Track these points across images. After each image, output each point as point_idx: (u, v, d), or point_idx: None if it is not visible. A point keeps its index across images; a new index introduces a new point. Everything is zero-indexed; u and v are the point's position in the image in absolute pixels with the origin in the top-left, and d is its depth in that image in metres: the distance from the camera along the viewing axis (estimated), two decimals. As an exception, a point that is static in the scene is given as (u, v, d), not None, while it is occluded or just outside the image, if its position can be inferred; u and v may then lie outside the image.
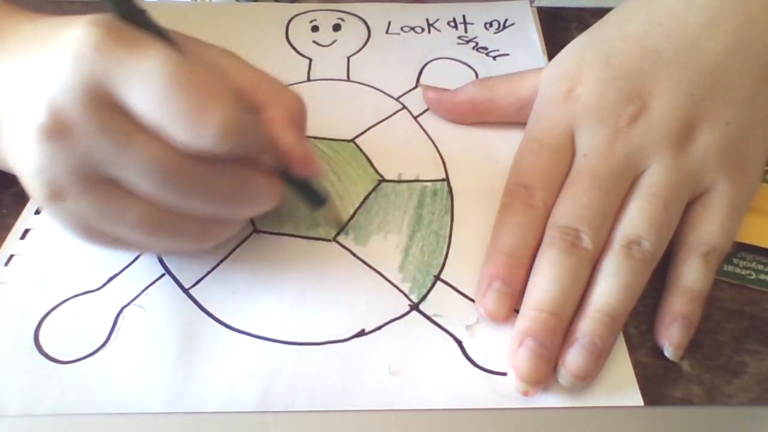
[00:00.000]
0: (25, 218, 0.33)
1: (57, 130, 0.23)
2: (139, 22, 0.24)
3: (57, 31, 0.24)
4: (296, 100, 0.28)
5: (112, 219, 0.25)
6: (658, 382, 0.28)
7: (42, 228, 0.32)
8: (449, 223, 0.33)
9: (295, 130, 0.27)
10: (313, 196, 0.30)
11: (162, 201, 0.25)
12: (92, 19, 0.23)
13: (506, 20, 0.45)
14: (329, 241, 0.32)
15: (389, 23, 0.44)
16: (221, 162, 0.25)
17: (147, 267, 0.31)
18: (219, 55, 0.27)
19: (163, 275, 0.30)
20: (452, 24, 0.44)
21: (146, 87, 0.23)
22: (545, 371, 0.27)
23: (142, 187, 0.24)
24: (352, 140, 0.37)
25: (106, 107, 0.23)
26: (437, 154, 0.36)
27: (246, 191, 0.26)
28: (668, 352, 0.28)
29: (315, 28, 0.44)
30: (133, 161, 0.23)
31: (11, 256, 0.31)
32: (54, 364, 0.27)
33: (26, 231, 0.32)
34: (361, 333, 0.29)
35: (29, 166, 0.24)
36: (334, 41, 0.43)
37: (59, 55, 0.23)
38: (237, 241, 0.31)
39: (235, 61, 0.28)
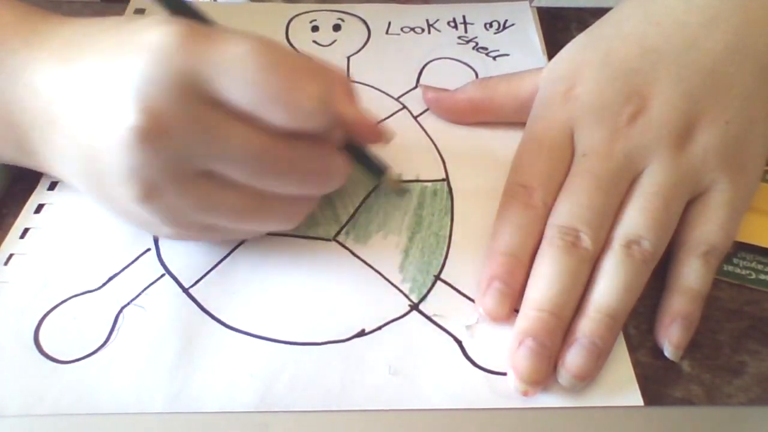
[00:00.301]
0: (25, 217, 0.33)
1: (154, 130, 0.23)
2: (195, 18, 0.25)
3: (124, 34, 0.25)
4: (344, 76, 0.28)
5: (206, 209, 0.26)
6: (658, 382, 0.28)
7: (42, 227, 0.32)
8: (449, 223, 0.33)
9: (355, 103, 0.28)
10: (374, 165, 0.32)
11: (256, 186, 0.26)
12: (164, 20, 0.24)
13: (506, 20, 0.45)
14: (329, 240, 0.32)
15: (389, 24, 0.44)
16: (308, 141, 0.26)
17: (147, 267, 0.31)
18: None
19: (163, 275, 0.30)
20: (452, 24, 0.44)
21: (240, 75, 0.23)
22: (545, 371, 0.27)
23: (237, 176, 0.25)
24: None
25: (199, 102, 0.23)
26: (437, 154, 0.36)
27: (328, 167, 0.28)
28: (668, 352, 0.28)
29: (315, 28, 0.44)
30: (229, 152, 0.24)
31: (11, 256, 0.31)
32: (54, 364, 0.27)
33: (26, 230, 0.32)
34: (361, 333, 0.29)
35: (120, 169, 0.24)
36: (334, 41, 0.43)
37: (144, 57, 0.23)
38: (237, 241, 0.31)
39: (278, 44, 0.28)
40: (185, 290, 0.30)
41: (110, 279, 0.30)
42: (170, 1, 0.25)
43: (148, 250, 0.31)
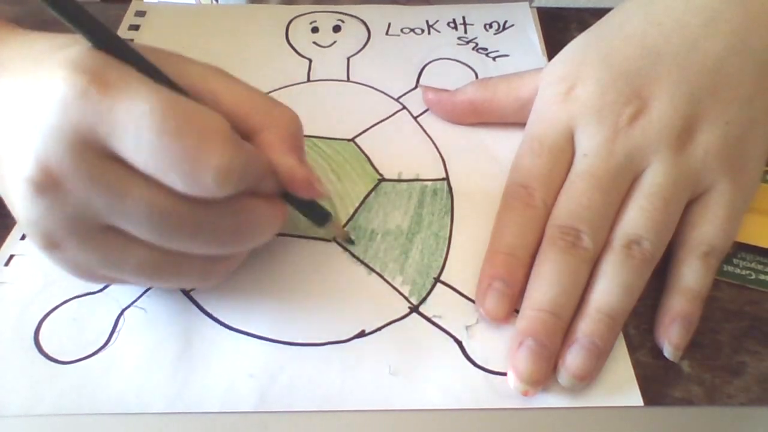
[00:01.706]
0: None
1: (46, 184, 0.22)
2: (117, 50, 0.23)
3: (39, 68, 0.23)
4: (291, 117, 0.27)
5: (111, 265, 0.25)
6: (658, 382, 0.28)
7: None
8: (449, 223, 0.33)
9: (294, 151, 0.26)
10: (315, 214, 0.29)
11: (163, 246, 0.24)
12: (74, 62, 0.22)
13: (506, 21, 0.45)
14: (329, 241, 0.32)
15: (389, 25, 0.44)
16: (222, 201, 0.24)
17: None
18: (204, 73, 0.25)
19: (163, 275, 0.30)
20: (452, 25, 0.44)
21: (137, 137, 0.21)
22: (545, 371, 0.27)
23: (141, 234, 0.24)
24: (352, 139, 0.37)
25: (97, 157, 0.22)
26: (437, 154, 0.36)
27: (250, 224, 0.25)
28: (668, 352, 0.28)
29: (315, 30, 0.44)
30: (130, 210, 0.23)
31: (11, 257, 0.31)
32: (54, 364, 0.27)
33: (26, 231, 0.32)
34: (362, 334, 0.29)
35: (21, 216, 0.23)
36: (334, 42, 0.43)
37: (43, 105, 0.22)
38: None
39: (222, 79, 0.26)
40: (185, 292, 0.30)
41: (111, 280, 0.30)
42: (91, 31, 0.22)
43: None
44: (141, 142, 0.21)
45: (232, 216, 0.24)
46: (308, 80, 0.41)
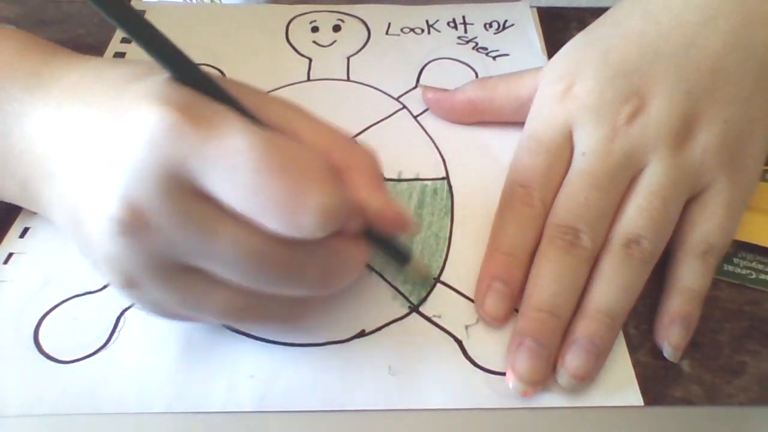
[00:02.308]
0: (25, 216, 0.32)
1: (132, 224, 0.21)
2: (200, 83, 0.22)
3: (117, 100, 0.22)
4: (372, 156, 0.26)
5: (191, 306, 0.24)
6: (658, 382, 0.28)
7: (42, 227, 0.32)
8: (449, 224, 0.33)
9: (380, 189, 0.25)
10: (397, 253, 0.29)
11: (248, 288, 0.23)
12: (160, 94, 0.21)
13: (506, 21, 0.45)
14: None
15: (389, 24, 0.44)
16: (314, 241, 0.22)
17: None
18: (285, 111, 0.24)
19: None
20: (452, 24, 0.44)
21: (233, 174, 0.20)
22: (544, 371, 0.27)
23: (228, 276, 0.23)
24: (352, 138, 0.37)
25: (186, 196, 0.21)
26: (437, 153, 0.36)
27: (339, 265, 0.24)
28: (667, 352, 0.28)
29: (315, 29, 0.44)
30: (219, 251, 0.22)
31: (10, 255, 0.31)
32: (54, 363, 0.27)
33: (26, 229, 0.32)
34: (361, 334, 0.29)
35: (100, 254, 0.22)
36: (334, 41, 0.43)
37: (131, 141, 0.21)
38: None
39: (304, 117, 0.25)
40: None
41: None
42: (173, 65, 0.22)
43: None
44: (237, 180, 0.20)
45: (322, 257, 0.23)
46: (308, 79, 0.40)
